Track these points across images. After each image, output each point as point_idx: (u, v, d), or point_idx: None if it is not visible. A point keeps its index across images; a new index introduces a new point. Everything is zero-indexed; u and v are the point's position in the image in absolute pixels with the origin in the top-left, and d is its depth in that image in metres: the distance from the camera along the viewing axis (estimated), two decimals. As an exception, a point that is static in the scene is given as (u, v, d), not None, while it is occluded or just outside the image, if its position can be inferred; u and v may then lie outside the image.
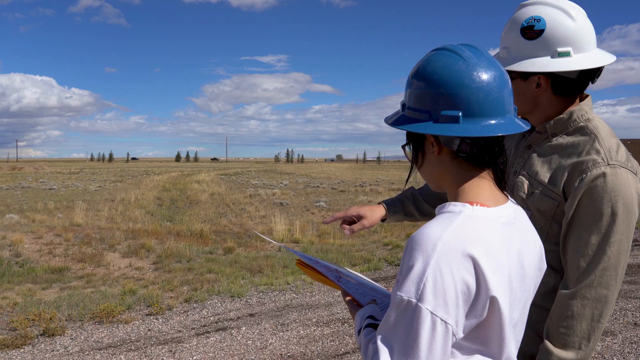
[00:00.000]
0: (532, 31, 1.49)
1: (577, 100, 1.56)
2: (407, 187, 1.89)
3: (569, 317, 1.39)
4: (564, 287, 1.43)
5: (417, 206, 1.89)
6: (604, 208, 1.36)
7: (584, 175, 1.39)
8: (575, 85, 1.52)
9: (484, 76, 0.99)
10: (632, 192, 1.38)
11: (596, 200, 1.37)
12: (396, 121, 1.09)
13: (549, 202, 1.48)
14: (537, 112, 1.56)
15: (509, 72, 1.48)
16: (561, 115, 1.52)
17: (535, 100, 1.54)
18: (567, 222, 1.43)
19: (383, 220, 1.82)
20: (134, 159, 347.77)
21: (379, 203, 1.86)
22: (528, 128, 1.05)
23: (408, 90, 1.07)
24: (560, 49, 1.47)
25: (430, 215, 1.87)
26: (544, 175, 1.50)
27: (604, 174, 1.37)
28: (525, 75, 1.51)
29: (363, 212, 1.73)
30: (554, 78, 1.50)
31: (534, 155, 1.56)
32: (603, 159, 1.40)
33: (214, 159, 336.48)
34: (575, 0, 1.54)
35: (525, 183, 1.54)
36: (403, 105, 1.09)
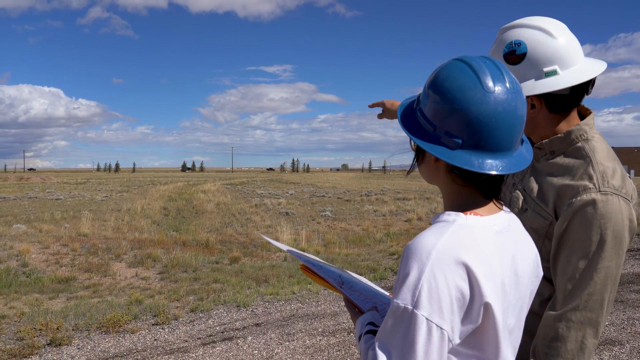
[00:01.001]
0: (514, 56, 1.49)
1: (576, 114, 1.56)
2: None
3: (554, 338, 1.40)
4: (552, 307, 1.43)
5: None
6: (593, 234, 1.36)
7: (573, 200, 1.39)
8: (569, 100, 1.51)
9: (498, 111, 0.96)
10: (623, 219, 1.37)
11: (585, 226, 1.37)
12: (405, 120, 1.09)
13: (540, 220, 1.49)
14: (538, 132, 1.57)
15: None
16: (558, 135, 1.52)
17: (533, 121, 1.54)
18: (556, 243, 1.43)
19: None
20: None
21: None
22: (523, 168, 1.03)
23: (424, 95, 1.06)
24: (546, 69, 1.46)
25: None
26: (537, 193, 1.51)
27: (594, 201, 1.36)
28: None
29: (386, 105, 2.07)
30: (547, 97, 1.50)
31: (532, 172, 1.57)
32: (595, 185, 1.39)
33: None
34: (580, 10, 1.53)
35: (520, 199, 1.55)
36: (418, 101, 1.09)
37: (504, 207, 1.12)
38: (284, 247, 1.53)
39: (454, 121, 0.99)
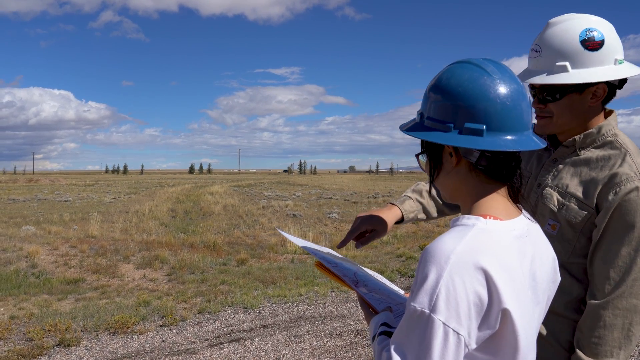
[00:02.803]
0: (595, 42, 1.46)
1: (603, 114, 1.57)
2: (416, 186, 1.87)
3: (601, 327, 1.40)
4: (592, 297, 1.44)
5: (436, 205, 1.82)
6: (636, 221, 1.38)
7: (617, 189, 1.41)
8: (615, 93, 1.53)
9: (508, 91, 1.01)
10: None
11: (628, 213, 1.39)
12: (415, 130, 1.08)
13: (580, 214, 1.48)
14: (580, 126, 1.54)
15: (564, 86, 1.47)
16: (591, 130, 1.52)
17: (586, 112, 1.52)
18: (598, 233, 1.44)
19: (397, 222, 1.74)
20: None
21: (390, 203, 1.76)
22: (545, 145, 1.06)
23: (429, 101, 1.07)
24: (617, 57, 1.47)
25: (449, 212, 1.84)
26: (575, 188, 1.50)
27: (637, 188, 1.39)
28: (582, 88, 1.48)
29: (375, 225, 1.63)
30: (610, 87, 1.50)
31: (563, 168, 1.56)
32: (636, 173, 1.41)
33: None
34: (588, 11, 1.54)
35: (555, 195, 1.54)
36: (421, 115, 1.09)
37: (523, 211, 1.11)
38: (300, 242, 1.51)
39: (471, 111, 1.01)
